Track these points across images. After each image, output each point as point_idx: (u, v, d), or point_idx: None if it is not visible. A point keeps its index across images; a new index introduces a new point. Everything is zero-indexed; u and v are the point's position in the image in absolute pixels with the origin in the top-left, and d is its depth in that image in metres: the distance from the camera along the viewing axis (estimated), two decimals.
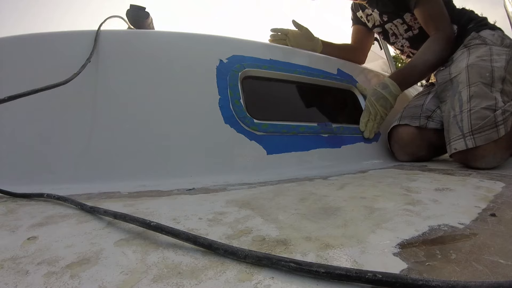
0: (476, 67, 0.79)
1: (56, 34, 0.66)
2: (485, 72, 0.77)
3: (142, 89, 0.64)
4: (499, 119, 0.71)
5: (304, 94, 0.88)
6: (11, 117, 0.56)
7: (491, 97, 0.73)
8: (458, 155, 0.75)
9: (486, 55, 0.82)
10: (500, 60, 0.80)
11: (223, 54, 0.74)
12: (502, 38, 0.87)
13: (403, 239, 0.28)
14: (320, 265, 0.21)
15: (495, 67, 0.78)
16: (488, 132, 0.71)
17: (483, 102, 0.73)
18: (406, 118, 0.90)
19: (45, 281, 0.21)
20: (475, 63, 0.80)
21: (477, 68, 0.79)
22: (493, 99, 0.73)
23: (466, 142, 0.72)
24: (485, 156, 0.71)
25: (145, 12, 0.83)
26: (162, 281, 0.21)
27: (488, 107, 0.72)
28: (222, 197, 0.46)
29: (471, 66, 0.80)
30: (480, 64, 0.79)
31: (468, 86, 0.77)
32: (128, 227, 0.31)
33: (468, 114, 0.73)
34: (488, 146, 0.71)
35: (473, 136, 0.71)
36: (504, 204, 0.40)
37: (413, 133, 0.87)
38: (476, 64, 0.80)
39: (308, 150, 0.75)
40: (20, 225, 0.32)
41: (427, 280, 0.19)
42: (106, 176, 0.55)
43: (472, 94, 0.75)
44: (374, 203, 0.41)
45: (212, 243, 0.25)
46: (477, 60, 0.81)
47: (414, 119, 0.89)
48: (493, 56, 0.81)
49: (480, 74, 0.77)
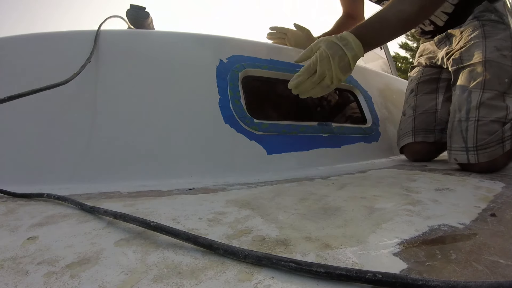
0: (496, 66, 0.70)
1: (56, 34, 0.66)
2: (504, 76, 0.69)
3: (142, 89, 0.64)
4: (507, 134, 0.66)
5: None
6: (11, 117, 0.56)
7: (502, 107, 0.68)
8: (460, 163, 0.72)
9: (507, 47, 0.71)
10: None
11: (223, 54, 0.74)
12: None
13: (403, 239, 0.28)
14: (320, 265, 0.21)
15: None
16: (494, 148, 0.66)
17: (493, 114, 0.67)
18: (421, 132, 0.87)
19: (45, 281, 0.21)
20: (494, 60, 0.70)
21: (496, 68, 0.70)
22: (504, 109, 0.67)
23: (468, 157, 0.68)
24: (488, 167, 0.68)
25: (145, 12, 0.83)
26: (162, 281, 0.21)
27: (498, 120, 0.67)
28: (222, 197, 0.46)
29: (490, 64, 0.70)
30: (500, 63, 0.70)
31: (482, 90, 0.69)
32: (128, 227, 0.31)
33: (475, 125, 0.68)
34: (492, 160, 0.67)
35: (477, 152, 0.67)
36: (504, 204, 0.40)
37: (429, 147, 0.88)
38: (495, 62, 0.70)
39: (308, 150, 0.75)
40: (20, 225, 0.32)
41: (427, 280, 0.19)
42: (106, 176, 0.55)
43: (483, 101, 0.68)
44: (374, 203, 0.41)
45: (212, 243, 0.25)
46: (497, 56, 0.71)
47: (428, 133, 0.87)
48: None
49: (499, 79, 0.69)
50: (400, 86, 1.26)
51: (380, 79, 1.13)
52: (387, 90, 1.12)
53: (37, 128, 0.57)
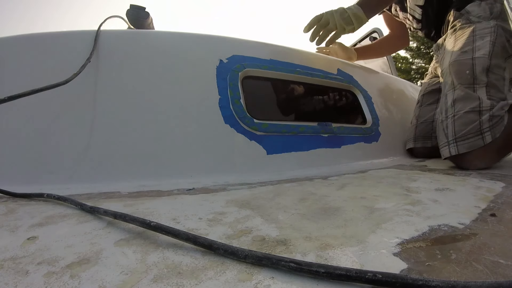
0: (457, 65, 0.77)
1: (56, 34, 0.66)
2: (465, 70, 0.75)
3: (142, 89, 0.64)
4: (485, 126, 0.69)
5: (304, 94, 0.88)
6: (11, 117, 0.56)
7: (474, 97, 0.72)
8: (450, 158, 0.76)
9: (469, 44, 0.78)
10: (484, 45, 0.75)
11: (223, 54, 0.74)
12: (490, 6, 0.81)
13: (403, 239, 0.28)
14: (320, 265, 0.21)
15: (476, 60, 0.74)
16: (472, 139, 0.70)
17: (466, 105, 0.72)
18: (420, 139, 0.98)
19: (45, 281, 0.21)
20: (456, 59, 0.78)
21: (457, 66, 0.77)
22: (476, 99, 0.71)
23: (450, 150, 0.73)
24: (472, 161, 0.72)
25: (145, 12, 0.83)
26: (162, 281, 0.21)
27: (472, 110, 0.71)
28: (222, 197, 0.46)
29: (453, 65, 0.78)
30: (460, 61, 0.77)
31: (453, 89, 0.76)
32: (128, 227, 0.31)
33: (452, 120, 0.74)
34: (475, 152, 0.70)
35: (456, 144, 0.72)
36: (504, 204, 0.40)
37: (428, 151, 0.97)
38: (456, 61, 0.77)
39: (308, 150, 0.75)
40: (20, 225, 0.32)
41: (427, 280, 0.19)
42: (106, 176, 0.55)
43: (455, 97, 0.74)
44: (374, 203, 0.41)
45: (212, 243, 0.25)
46: (458, 55, 0.78)
47: (426, 140, 0.97)
48: (476, 42, 0.77)
49: (461, 74, 0.75)
50: (400, 86, 1.26)
51: (380, 79, 1.13)
52: (387, 90, 1.12)
53: (37, 128, 0.57)
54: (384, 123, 0.97)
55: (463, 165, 0.73)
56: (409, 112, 1.15)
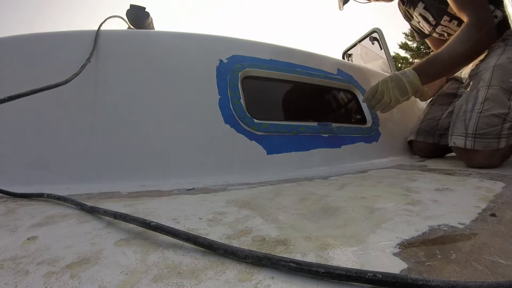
0: (502, 69, 0.77)
1: (56, 34, 0.66)
2: (509, 77, 0.75)
3: (142, 89, 0.64)
4: (505, 132, 0.72)
5: (304, 94, 0.88)
6: (11, 117, 0.56)
7: (505, 104, 0.73)
8: (457, 149, 0.78)
9: None
10: None
11: (223, 54, 0.74)
12: None
13: (403, 239, 0.28)
14: (320, 265, 0.21)
15: None
16: (490, 140, 0.72)
17: (495, 108, 0.73)
18: (422, 133, 0.99)
19: (45, 281, 0.21)
20: (503, 64, 0.77)
21: (502, 70, 0.77)
22: (506, 107, 0.73)
23: (466, 142, 0.74)
24: (479, 159, 0.74)
25: (145, 12, 0.83)
26: (162, 281, 0.21)
27: (499, 115, 0.72)
28: (222, 197, 0.46)
29: (498, 67, 0.77)
30: (507, 67, 0.77)
31: (487, 87, 0.76)
32: (128, 227, 0.31)
33: (478, 115, 0.74)
34: (486, 152, 0.73)
35: (474, 139, 0.73)
36: (504, 204, 0.40)
37: (428, 147, 1.00)
38: (503, 66, 0.77)
39: (308, 150, 0.75)
40: (20, 225, 0.32)
41: (427, 280, 0.19)
42: (106, 176, 0.55)
43: (488, 96, 0.75)
44: (374, 203, 0.41)
45: (212, 243, 0.25)
46: (506, 62, 0.78)
47: (429, 136, 0.98)
48: None
49: (503, 78, 0.75)
50: None
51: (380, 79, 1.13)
52: None
53: (37, 128, 0.57)
54: (384, 123, 0.97)
55: (469, 159, 0.75)
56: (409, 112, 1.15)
